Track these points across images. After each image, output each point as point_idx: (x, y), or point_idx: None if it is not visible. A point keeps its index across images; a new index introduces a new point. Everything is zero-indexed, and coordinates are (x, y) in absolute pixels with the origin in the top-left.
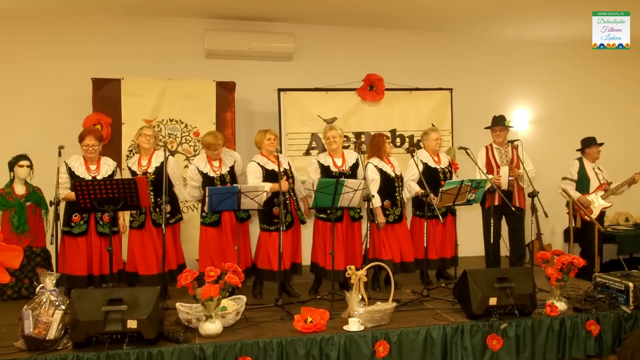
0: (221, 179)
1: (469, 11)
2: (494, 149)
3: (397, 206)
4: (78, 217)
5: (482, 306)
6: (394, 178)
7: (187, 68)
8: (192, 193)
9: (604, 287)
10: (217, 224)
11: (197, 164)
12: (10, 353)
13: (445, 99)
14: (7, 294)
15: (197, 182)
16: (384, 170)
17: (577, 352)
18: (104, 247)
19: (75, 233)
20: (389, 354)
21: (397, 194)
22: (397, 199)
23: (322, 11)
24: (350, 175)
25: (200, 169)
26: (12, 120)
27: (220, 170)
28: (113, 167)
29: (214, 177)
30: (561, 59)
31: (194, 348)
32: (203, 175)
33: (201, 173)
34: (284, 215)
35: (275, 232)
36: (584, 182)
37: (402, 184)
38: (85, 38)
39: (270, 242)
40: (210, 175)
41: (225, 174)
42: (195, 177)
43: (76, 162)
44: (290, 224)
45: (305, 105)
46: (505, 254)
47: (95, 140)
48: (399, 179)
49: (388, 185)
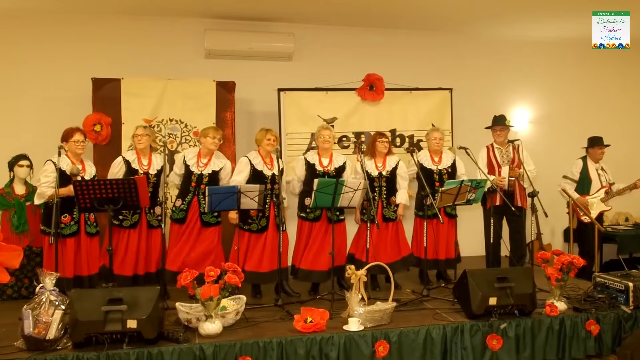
0: (198, 178)
1: (469, 11)
2: (495, 148)
3: (372, 207)
4: (68, 217)
5: (482, 306)
6: (375, 177)
7: (187, 68)
8: (173, 179)
9: (604, 287)
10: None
11: (185, 154)
12: (10, 353)
13: (445, 99)
14: (7, 294)
15: (180, 171)
16: (368, 169)
17: (577, 352)
18: (93, 247)
19: (65, 234)
20: (388, 354)
21: (375, 193)
22: (375, 198)
23: (322, 11)
24: (334, 177)
25: (187, 160)
26: (12, 120)
27: (205, 169)
28: (94, 170)
29: (193, 173)
30: (561, 59)
31: (194, 348)
32: (185, 168)
33: (185, 164)
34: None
35: (247, 231)
36: (585, 182)
37: (385, 184)
38: (85, 38)
39: (242, 242)
40: (192, 169)
41: (205, 174)
42: (180, 165)
43: (63, 162)
44: (264, 228)
45: (305, 105)
46: (506, 254)
47: (83, 137)
48: (381, 179)
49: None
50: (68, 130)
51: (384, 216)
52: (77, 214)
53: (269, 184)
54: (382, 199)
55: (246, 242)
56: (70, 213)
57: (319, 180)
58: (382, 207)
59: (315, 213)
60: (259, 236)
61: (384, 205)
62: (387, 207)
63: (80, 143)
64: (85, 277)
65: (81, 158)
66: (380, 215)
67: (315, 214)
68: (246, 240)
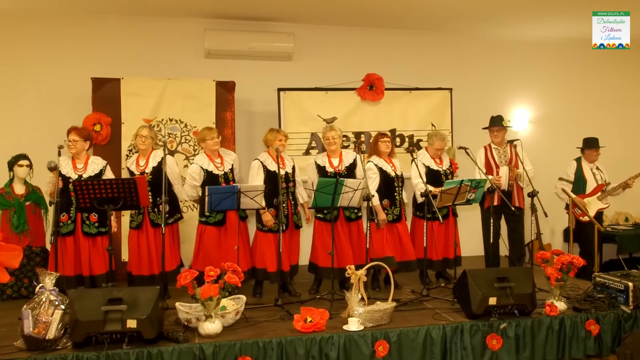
0: (225, 177)
1: (469, 11)
2: (493, 149)
3: (395, 206)
4: (65, 216)
5: (482, 306)
6: (394, 178)
7: (187, 68)
8: (189, 192)
9: (604, 287)
10: (222, 223)
11: (199, 162)
12: (10, 353)
13: (445, 99)
14: (7, 294)
15: (197, 182)
16: (384, 169)
17: (576, 352)
18: (92, 247)
19: (63, 233)
20: (388, 354)
21: (396, 193)
22: (396, 198)
23: (322, 11)
24: (347, 175)
25: (204, 167)
26: (12, 120)
27: (224, 167)
28: (101, 166)
29: (219, 175)
30: (561, 59)
31: (194, 348)
32: (207, 174)
33: (205, 171)
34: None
35: (269, 232)
36: (581, 183)
37: (402, 184)
38: (85, 38)
39: (266, 242)
40: (215, 173)
41: (228, 172)
42: (196, 175)
43: (63, 161)
44: (285, 227)
45: (305, 105)
46: (505, 253)
47: (77, 137)
48: (399, 179)
49: (387, 184)
50: (68, 128)
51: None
52: (73, 213)
53: (284, 183)
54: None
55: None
56: (68, 212)
57: (319, 180)
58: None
59: (333, 213)
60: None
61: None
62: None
63: (72, 143)
64: (86, 276)
65: (87, 154)
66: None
67: (333, 214)
68: (267, 240)
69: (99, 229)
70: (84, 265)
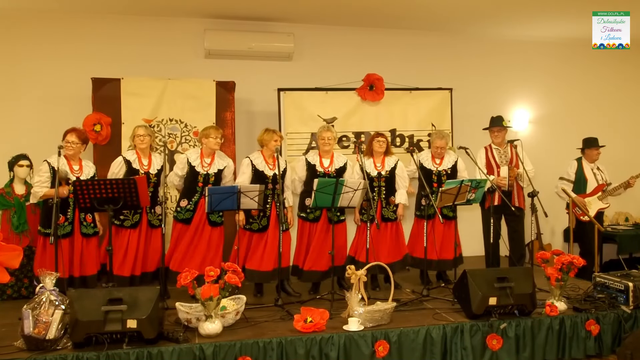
0: (204, 178)
1: (469, 11)
2: (493, 149)
3: (371, 207)
4: (62, 218)
5: (482, 306)
6: (374, 177)
7: (187, 68)
8: (172, 179)
9: (604, 287)
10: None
11: (189, 155)
12: (10, 353)
13: (445, 99)
14: (7, 294)
15: (182, 172)
16: (367, 169)
17: (576, 352)
18: (84, 247)
19: (59, 235)
20: (388, 354)
21: (374, 193)
22: (374, 198)
23: (322, 11)
24: (335, 177)
25: (191, 161)
26: (12, 120)
27: (210, 168)
28: (94, 170)
29: (199, 173)
30: (561, 59)
31: (194, 348)
32: (190, 169)
33: (189, 165)
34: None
35: (248, 230)
36: (582, 182)
37: (384, 184)
38: (85, 38)
39: (243, 241)
40: (197, 170)
41: (210, 174)
42: (181, 165)
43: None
44: (265, 227)
45: (305, 105)
46: (505, 254)
47: (77, 139)
48: (380, 179)
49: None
50: (67, 130)
51: (382, 216)
52: (71, 214)
53: (270, 184)
54: (381, 199)
55: (247, 242)
56: (65, 214)
57: (319, 180)
58: (381, 207)
59: (315, 213)
60: (261, 235)
61: (383, 205)
62: (386, 207)
63: (71, 144)
64: (77, 277)
65: (79, 158)
66: (379, 215)
67: (315, 214)
68: (247, 240)
69: (94, 229)
70: (75, 266)
